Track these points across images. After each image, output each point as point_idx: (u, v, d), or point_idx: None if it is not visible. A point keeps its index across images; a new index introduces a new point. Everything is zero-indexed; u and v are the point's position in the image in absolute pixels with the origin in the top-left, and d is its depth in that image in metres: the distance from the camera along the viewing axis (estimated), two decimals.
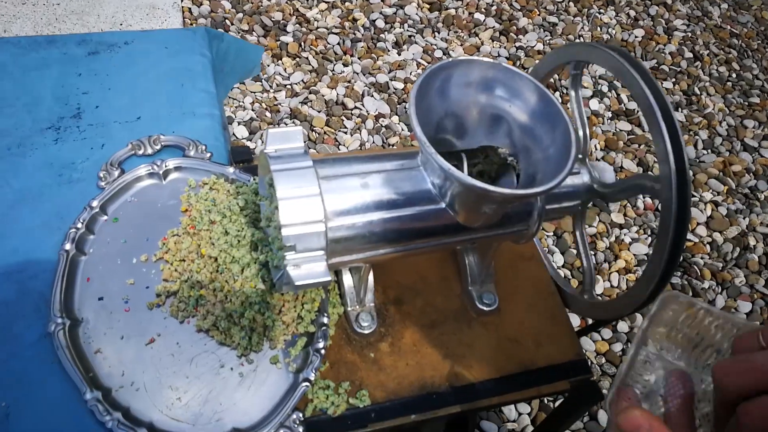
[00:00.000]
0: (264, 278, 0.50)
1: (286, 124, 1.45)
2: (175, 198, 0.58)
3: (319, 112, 1.48)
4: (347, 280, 0.56)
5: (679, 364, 0.36)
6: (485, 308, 0.59)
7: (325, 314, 0.53)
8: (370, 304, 0.56)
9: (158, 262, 0.55)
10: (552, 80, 1.62)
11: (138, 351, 0.51)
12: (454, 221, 0.49)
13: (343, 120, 1.48)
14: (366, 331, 0.55)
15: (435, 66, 0.48)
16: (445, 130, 0.52)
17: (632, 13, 1.96)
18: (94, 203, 0.56)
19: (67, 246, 0.54)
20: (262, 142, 1.41)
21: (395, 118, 1.51)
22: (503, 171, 0.52)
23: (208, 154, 0.62)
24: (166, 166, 0.60)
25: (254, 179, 0.58)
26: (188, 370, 0.50)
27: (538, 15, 1.86)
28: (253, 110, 1.46)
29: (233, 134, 1.41)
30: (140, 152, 0.62)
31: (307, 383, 0.50)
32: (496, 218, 0.51)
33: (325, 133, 1.45)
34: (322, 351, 0.51)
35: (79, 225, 0.55)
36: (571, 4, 1.93)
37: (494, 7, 1.86)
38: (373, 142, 1.46)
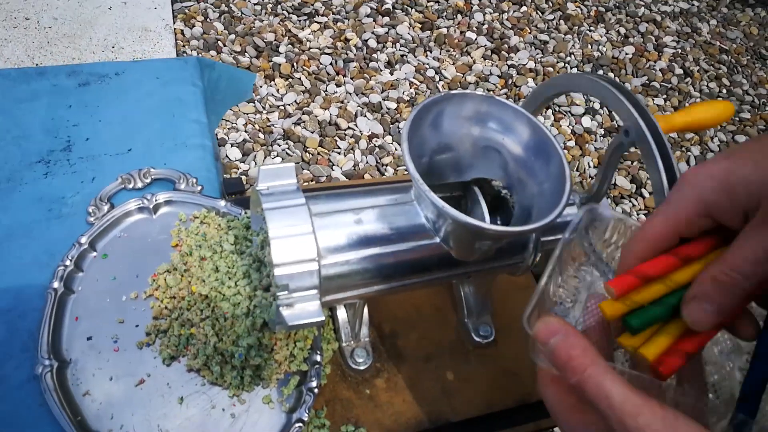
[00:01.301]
0: (255, 317, 0.49)
1: (279, 145, 1.45)
2: (165, 232, 0.58)
3: (312, 132, 1.48)
4: (342, 314, 0.56)
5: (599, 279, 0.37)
6: (482, 341, 0.58)
7: (318, 352, 0.52)
8: (365, 339, 0.56)
9: (148, 300, 0.54)
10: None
11: (127, 392, 0.50)
12: (448, 256, 0.49)
13: (336, 140, 1.48)
14: (361, 367, 0.54)
15: (427, 100, 0.48)
16: (439, 163, 0.52)
17: (622, 30, 1.98)
18: (83, 239, 0.56)
19: (55, 284, 0.53)
20: (255, 163, 1.40)
21: (389, 138, 1.51)
22: (498, 204, 0.52)
23: (199, 187, 0.62)
24: (156, 200, 0.59)
25: (245, 212, 0.57)
26: (179, 411, 0.49)
27: (529, 33, 1.88)
28: (246, 132, 1.46)
29: (226, 156, 1.40)
30: (130, 186, 0.61)
31: (301, 424, 0.49)
32: (492, 252, 0.51)
33: (318, 153, 1.45)
34: (315, 390, 0.50)
35: (68, 262, 0.54)
36: (562, 22, 1.95)
37: (485, 26, 1.87)
38: (367, 163, 1.46)
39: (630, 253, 0.33)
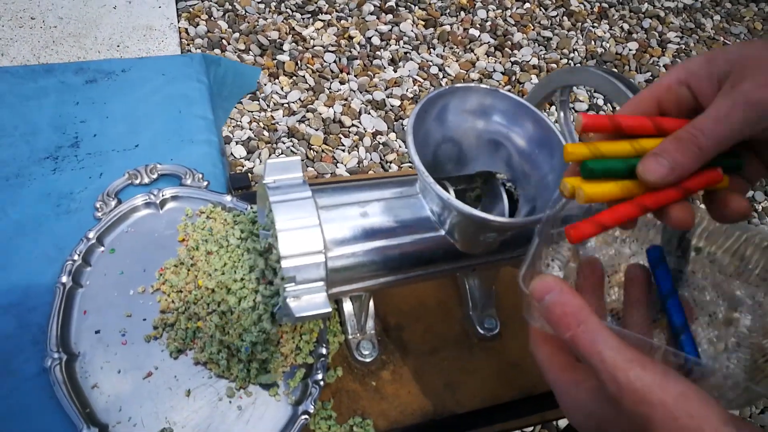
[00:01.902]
0: (262, 310, 0.50)
1: (284, 143, 1.45)
2: (172, 228, 0.58)
3: (316, 130, 1.49)
4: (348, 307, 0.56)
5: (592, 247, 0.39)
6: (486, 333, 0.59)
7: (324, 345, 0.52)
8: (371, 332, 0.56)
9: (155, 294, 0.55)
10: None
11: (135, 385, 0.50)
12: (453, 248, 0.49)
13: (340, 138, 1.49)
14: (367, 360, 0.55)
15: (432, 93, 0.48)
16: (443, 156, 0.52)
17: (626, 26, 1.97)
18: (91, 234, 0.56)
19: (64, 279, 0.54)
20: (260, 161, 1.41)
21: (392, 135, 1.52)
22: (502, 197, 0.52)
23: (205, 183, 0.62)
24: (162, 196, 0.60)
25: (251, 207, 0.58)
26: (186, 403, 0.50)
27: (533, 30, 1.88)
28: (250, 129, 1.46)
29: (231, 154, 1.41)
30: (137, 181, 0.62)
31: (306, 416, 0.49)
32: (496, 245, 0.51)
33: (322, 151, 1.45)
34: (321, 383, 0.51)
35: (76, 257, 0.55)
36: (565, 18, 1.95)
37: (489, 23, 1.87)
38: (371, 160, 1.46)
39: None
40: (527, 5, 1.96)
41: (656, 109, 0.34)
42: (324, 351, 0.52)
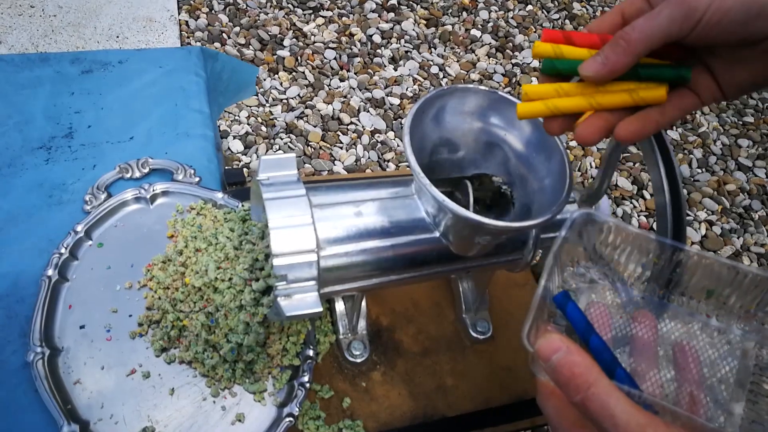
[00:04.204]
0: (249, 310, 0.49)
1: (282, 139, 1.44)
2: (161, 223, 0.58)
3: (314, 126, 1.48)
4: (339, 306, 0.56)
5: (600, 282, 0.38)
6: (479, 336, 0.58)
7: (311, 347, 0.52)
8: (362, 332, 0.56)
9: (142, 290, 0.54)
10: None
11: (118, 382, 0.49)
12: (448, 250, 0.49)
13: (338, 135, 1.48)
14: (358, 360, 0.54)
15: (430, 94, 0.48)
16: (440, 157, 0.52)
17: None
18: (79, 228, 0.55)
19: (50, 272, 0.53)
20: (257, 156, 1.40)
21: (391, 134, 1.51)
22: (498, 199, 0.52)
23: (197, 179, 0.61)
24: (153, 191, 0.59)
25: (242, 205, 0.57)
26: (169, 402, 0.49)
27: (534, 32, 1.87)
28: (248, 124, 1.46)
29: (228, 148, 1.40)
30: (128, 176, 0.61)
31: (291, 418, 0.48)
32: (491, 248, 0.51)
33: (320, 148, 1.45)
34: (307, 385, 0.50)
35: (63, 250, 0.54)
36: (567, 21, 1.94)
37: (491, 24, 1.86)
38: (369, 158, 1.45)
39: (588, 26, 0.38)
40: (529, 7, 1.95)
41: (621, 21, 0.36)
42: (311, 353, 0.51)
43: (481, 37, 1.82)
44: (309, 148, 1.44)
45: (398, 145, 1.48)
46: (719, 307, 0.38)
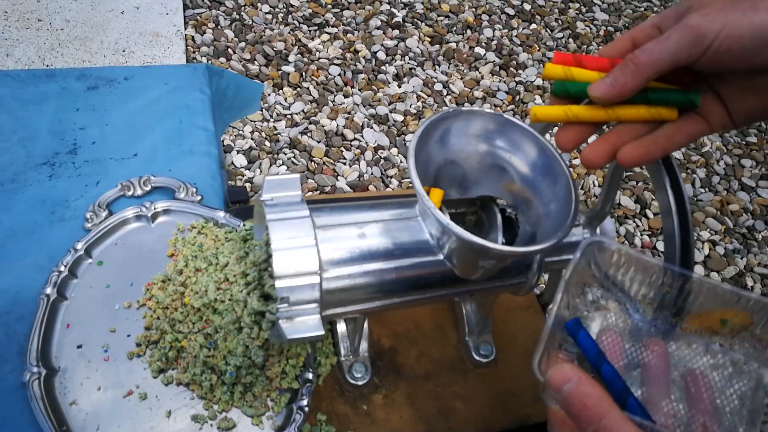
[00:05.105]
0: (248, 333, 0.48)
1: (285, 154, 1.45)
2: (162, 242, 0.57)
3: (318, 142, 1.48)
4: (341, 328, 0.55)
5: (611, 308, 0.38)
6: (482, 359, 0.58)
7: (310, 370, 0.51)
8: (364, 354, 0.55)
9: (141, 309, 0.53)
10: None
11: (115, 403, 0.49)
12: (451, 273, 0.48)
13: (342, 151, 1.48)
14: (360, 383, 0.54)
15: (435, 116, 0.47)
16: (445, 178, 0.52)
17: None
18: (79, 246, 0.55)
19: (48, 290, 0.52)
20: (261, 171, 1.40)
21: (394, 150, 1.51)
22: (503, 223, 0.52)
23: (199, 197, 0.61)
24: (154, 209, 0.59)
25: (244, 224, 0.56)
26: (166, 425, 0.48)
27: (538, 50, 1.88)
28: (252, 139, 1.46)
29: (231, 163, 1.41)
30: (129, 193, 0.61)
31: None
32: (495, 271, 0.50)
33: (324, 163, 1.45)
34: (306, 408, 0.49)
35: (62, 268, 0.54)
36: (571, 40, 1.95)
37: (495, 42, 1.88)
38: (372, 174, 1.46)
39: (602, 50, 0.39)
40: (533, 26, 1.97)
41: (632, 47, 0.37)
42: (310, 376, 0.51)
43: (485, 54, 1.83)
44: (312, 163, 1.44)
45: (401, 162, 1.48)
46: (732, 336, 0.37)
